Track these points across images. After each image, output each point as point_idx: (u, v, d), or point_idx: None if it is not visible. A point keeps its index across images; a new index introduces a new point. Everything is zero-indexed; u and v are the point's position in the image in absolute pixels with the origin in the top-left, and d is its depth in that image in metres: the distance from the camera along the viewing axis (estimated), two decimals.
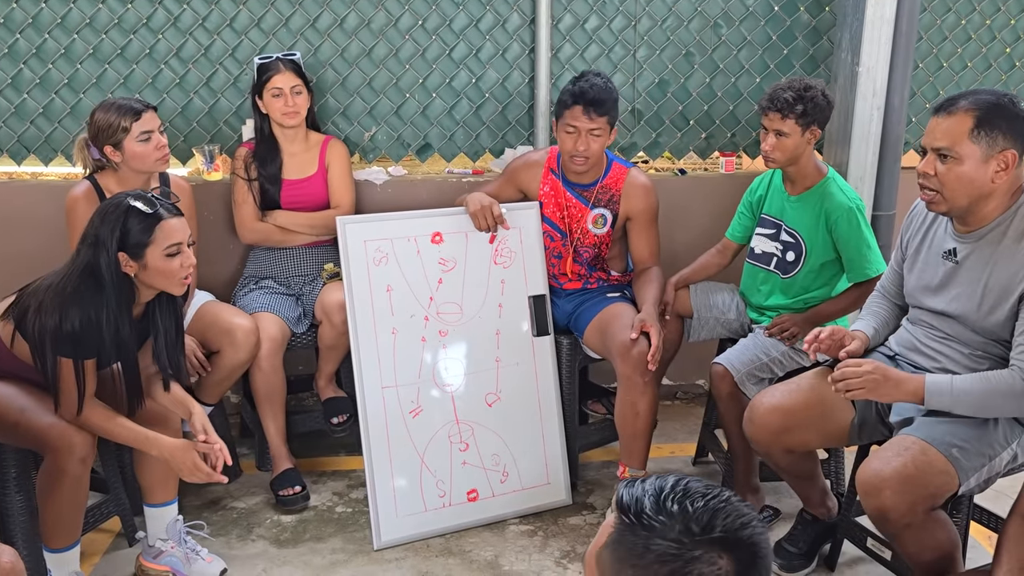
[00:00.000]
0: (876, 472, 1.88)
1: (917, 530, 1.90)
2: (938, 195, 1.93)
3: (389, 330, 2.57)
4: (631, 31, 3.16)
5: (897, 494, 1.85)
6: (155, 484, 2.31)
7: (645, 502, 1.00)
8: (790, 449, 2.26)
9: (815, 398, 2.18)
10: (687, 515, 0.97)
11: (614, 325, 2.57)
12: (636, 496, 1.01)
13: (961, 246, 2.00)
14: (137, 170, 2.56)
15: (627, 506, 1.01)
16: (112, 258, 2.02)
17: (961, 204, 1.93)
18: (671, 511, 0.98)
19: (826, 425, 2.19)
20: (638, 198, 2.70)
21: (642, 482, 1.04)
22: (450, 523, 2.59)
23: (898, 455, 1.89)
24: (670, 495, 1.00)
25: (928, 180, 1.94)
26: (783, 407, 2.19)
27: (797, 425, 2.19)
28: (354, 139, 3.15)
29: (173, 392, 2.24)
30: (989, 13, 3.29)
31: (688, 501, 0.99)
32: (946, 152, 1.89)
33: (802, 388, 2.22)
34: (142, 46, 2.97)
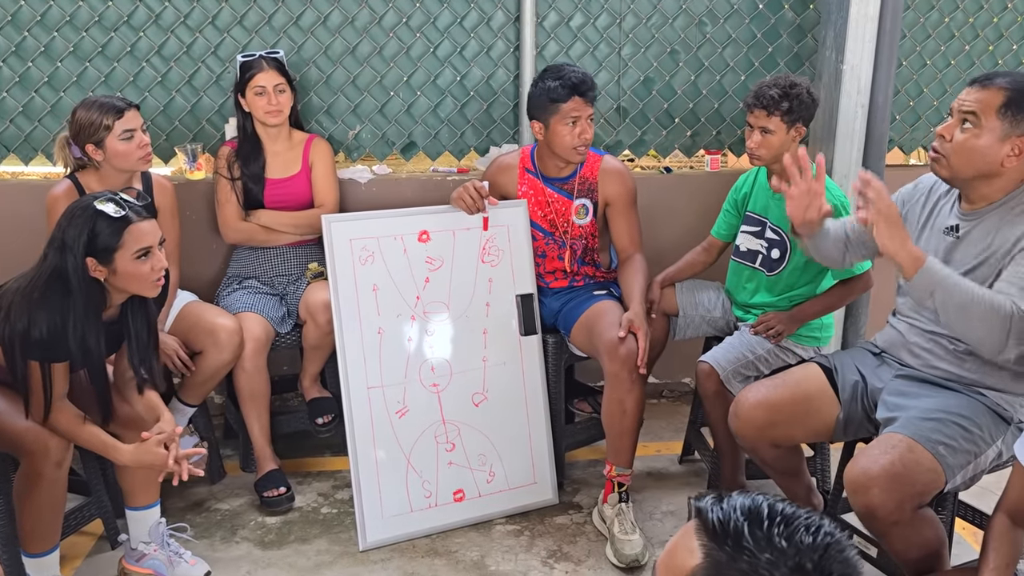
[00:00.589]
0: (864, 470, 1.88)
1: (904, 528, 1.90)
2: (944, 159, 1.95)
3: (375, 330, 2.56)
4: (616, 29, 3.16)
5: (885, 492, 1.85)
6: (136, 487, 2.28)
7: (744, 530, 0.90)
8: (776, 444, 2.26)
9: (800, 393, 2.19)
10: (799, 551, 0.88)
11: (601, 323, 2.56)
12: (730, 521, 0.91)
13: (964, 223, 2.01)
14: (119, 169, 2.53)
15: (721, 533, 0.91)
16: (79, 263, 1.98)
17: (964, 175, 1.94)
18: (779, 546, 0.88)
19: (811, 420, 2.20)
20: (614, 183, 2.71)
21: (728, 501, 0.94)
22: (436, 523, 2.58)
23: (885, 453, 1.89)
24: (772, 525, 0.90)
25: (942, 144, 1.95)
26: (768, 402, 2.20)
27: (782, 420, 2.19)
28: (338, 137, 3.13)
29: (146, 397, 2.20)
30: (972, 11, 3.31)
31: (796, 535, 0.89)
32: (970, 119, 1.91)
33: (787, 383, 2.23)
34: (123, 44, 2.94)
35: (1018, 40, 3.37)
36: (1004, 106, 1.88)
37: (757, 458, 2.35)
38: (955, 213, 2.04)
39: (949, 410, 1.97)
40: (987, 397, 2.01)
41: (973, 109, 1.91)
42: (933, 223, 2.10)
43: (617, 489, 2.55)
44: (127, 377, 2.20)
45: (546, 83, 2.59)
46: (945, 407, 1.99)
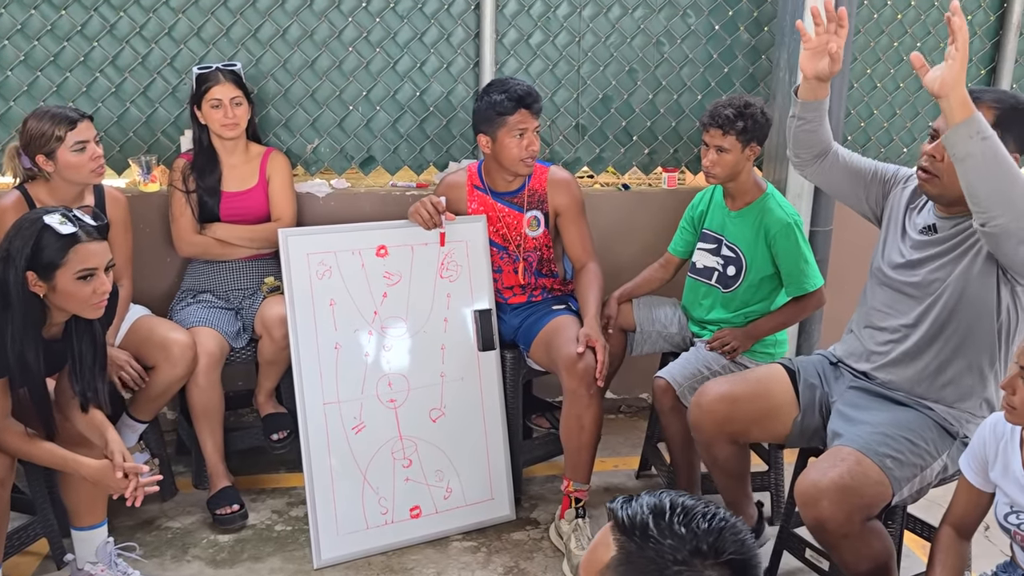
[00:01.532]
0: (814, 483, 1.91)
1: (854, 540, 1.93)
2: (937, 179, 1.97)
3: (332, 345, 2.53)
4: (575, 47, 3.19)
5: (834, 504, 1.88)
6: (82, 507, 2.23)
7: (649, 522, 1.01)
8: (732, 439, 2.28)
9: (762, 390, 2.24)
10: (696, 536, 0.99)
11: (559, 339, 2.57)
12: (637, 516, 1.02)
13: (941, 223, 2.04)
14: (70, 181, 2.48)
15: (629, 527, 1.01)
16: (20, 276, 1.93)
17: (955, 194, 1.93)
18: (679, 532, 0.99)
19: (770, 419, 2.23)
20: (562, 192, 2.73)
21: (636, 500, 1.04)
22: (392, 540, 2.56)
23: (834, 466, 1.92)
24: (673, 516, 1.01)
25: (933, 163, 1.97)
26: (731, 395, 2.24)
27: (742, 415, 2.23)
28: (296, 151, 3.11)
29: (91, 417, 2.15)
30: (920, 36, 3.40)
31: (693, 522, 1.00)
32: None
33: (749, 380, 2.29)
34: (76, 53, 2.90)
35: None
36: (995, 125, 1.88)
37: (709, 457, 2.35)
38: (931, 212, 2.08)
39: (898, 424, 2.02)
40: (935, 412, 2.06)
41: None
42: (911, 217, 2.12)
43: (574, 505, 2.56)
44: (69, 396, 2.15)
45: (492, 96, 2.61)
46: (894, 421, 2.03)
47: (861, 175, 2.25)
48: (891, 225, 2.17)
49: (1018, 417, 1.68)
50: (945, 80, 1.77)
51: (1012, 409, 1.68)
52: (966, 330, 2.02)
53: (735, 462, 2.36)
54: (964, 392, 2.06)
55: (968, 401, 2.07)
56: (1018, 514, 1.74)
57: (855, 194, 2.27)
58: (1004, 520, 1.76)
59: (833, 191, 2.36)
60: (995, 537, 2.56)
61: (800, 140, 2.24)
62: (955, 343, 2.04)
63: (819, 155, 2.25)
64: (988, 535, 2.58)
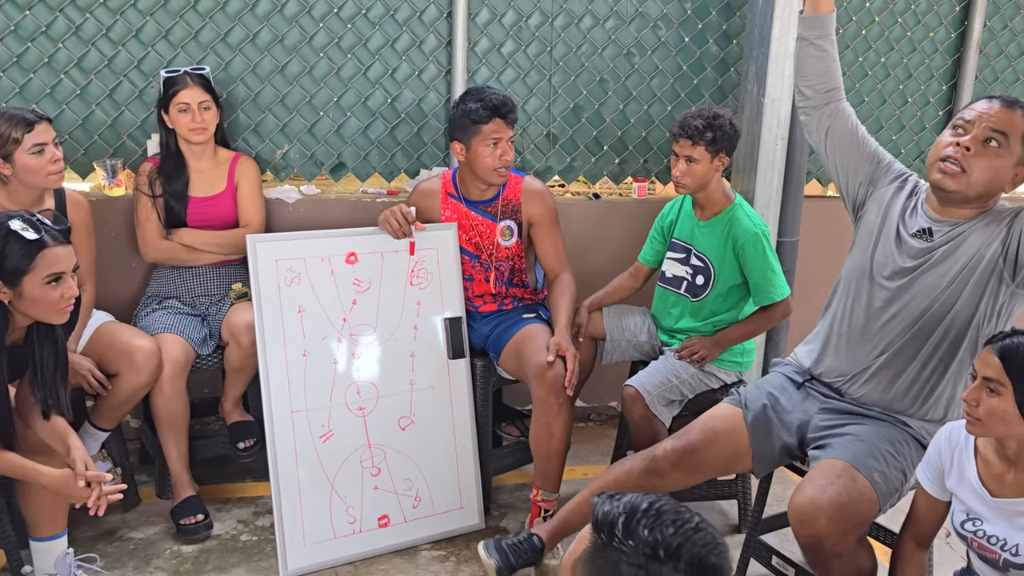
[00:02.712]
0: (812, 500, 1.87)
1: (847, 559, 1.90)
2: (963, 174, 1.90)
3: (300, 352, 2.51)
4: (547, 56, 3.21)
5: (832, 522, 1.84)
6: (41, 517, 2.18)
7: (618, 522, 1.04)
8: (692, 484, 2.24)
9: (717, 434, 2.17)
10: (656, 540, 1.02)
11: (529, 347, 2.57)
12: (610, 514, 1.06)
13: (937, 228, 2.00)
14: (28, 184, 2.44)
15: (601, 524, 1.06)
16: None
17: (974, 192, 1.92)
18: (641, 535, 1.03)
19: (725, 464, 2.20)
20: (536, 203, 2.73)
21: (619, 499, 1.09)
22: (360, 550, 2.53)
23: (831, 483, 1.88)
24: (642, 518, 1.04)
25: (965, 157, 1.90)
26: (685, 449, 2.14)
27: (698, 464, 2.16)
28: (265, 157, 3.08)
29: (53, 424, 2.10)
30: (884, 51, 3.47)
31: (659, 525, 1.03)
32: (997, 139, 1.88)
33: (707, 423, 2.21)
34: (40, 55, 2.85)
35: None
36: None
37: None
38: (924, 215, 2.03)
39: (880, 437, 2.01)
40: (912, 428, 2.06)
41: (1004, 130, 1.88)
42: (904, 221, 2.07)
43: (543, 513, 2.56)
44: (30, 403, 2.10)
45: (467, 104, 2.61)
46: (876, 434, 2.01)
47: (861, 147, 2.16)
48: (885, 230, 2.09)
49: (981, 429, 1.70)
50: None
51: (976, 421, 1.69)
52: (953, 339, 2.00)
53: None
54: (942, 406, 2.05)
55: (946, 416, 2.06)
56: (974, 521, 1.77)
57: (845, 164, 2.17)
58: (960, 527, 1.80)
59: (828, 151, 2.19)
60: (955, 544, 2.60)
61: (807, 67, 2.15)
62: (941, 353, 2.02)
63: (829, 91, 2.16)
64: (949, 542, 2.62)
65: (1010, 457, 1.72)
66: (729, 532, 2.77)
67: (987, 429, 1.69)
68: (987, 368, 1.66)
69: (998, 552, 1.72)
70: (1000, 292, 1.95)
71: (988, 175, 1.91)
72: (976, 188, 1.92)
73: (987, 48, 3.57)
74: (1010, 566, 1.71)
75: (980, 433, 1.72)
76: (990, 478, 1.74)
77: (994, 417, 1.65)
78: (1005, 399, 1.64)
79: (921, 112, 3.58)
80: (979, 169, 1.90)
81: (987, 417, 1.66)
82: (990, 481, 1.74)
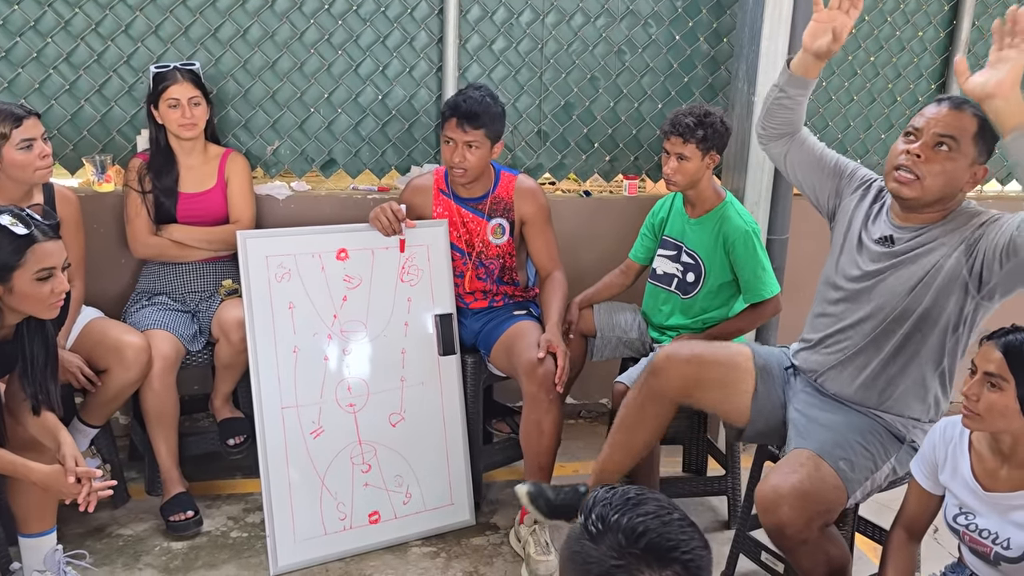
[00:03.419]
0: (774, 488, 1.93)
1: (812, 546, 1.95)
2: (917, 181, 1.93)
3: (290, 348, 2.51)
4: (538, 54, 3.21)
5: (794, 510, 1.90)
6: (30, 514, 2.17)
7: (595, 510, 1.05)
8: (684, 400, 2.23)
9: (730, 361, 2.22)
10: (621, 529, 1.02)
11: (520, 344, 2.57)
12: (595, 502, 1.06)
13: (899, 234, 2.03)
14: (17, 180, 2.42)
15: (585, 510, 1.06)
16: None
17: (931, 197, 1.95)
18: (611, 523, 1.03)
19: (731, 391, 2.21)
20: (528, 201, 2.73)
21: (612, 489, 1.09)
22: (351, 546, 2.53)
23: (794, 471, 1.94)
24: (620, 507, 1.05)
25: (916, 164, 1.92)
26: (702, 357, 2.20)
27: (708, 378, 2.19)
28: (256, 153, 3.07)
29: (43, 419, 2.09)
30: (873, 50, 3.49)
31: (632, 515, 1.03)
32: (948, 143, 1.90)
33: (718, 347, 2.27)
34: (29, 49, 2.83)
35: (915, 79, 3.57)
36: (978, 134, 1.91)
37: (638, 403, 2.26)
38: (888, 222, 2.06)
39: (850, 427, 2.06)
40: (883, 419, 2.10)
41: (953, 134, 1.91)
42: (867, 228, 2.11)
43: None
44: (20, 399, 2.09)
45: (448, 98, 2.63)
46: (846, 424, 2.07)
47: (821, 164, 2.21)
48: (848, 236, 2.15)
49: (979, 424, 1.71)
50: (1004, 81, 1.70)
51: (975, 416, 1.70)
52: (916, 341, 2.04)
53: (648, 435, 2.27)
54: (908, 401, 2.09)
55: (913, 410, 2.10)
56: (966, 515, 1.78)
57: (811, 182, 2.24)
58: (952, 521, 1.81)
59: (790, 173, 2.28)
60: (944, 539, 2.62)
61: (775, 114, 2.19)
62: (902, 353, 2.06)
63: (785, 135, 2.22)
64: (937, 537, 2.63)
65: (1004, 452, 1.73)
66: (719, 528, 2.78)
67: (985, 424, 1.70)
68: (988, 363, 1.67)
69: (989, 546, 1.74)
70: (966, 302, 1.98)
71: (942, 179, 1.93)
72: (932, 193, 1.95)
73: (975, 47, 3.60)
74: (1001, 559, 1.73)
75: (977, 427, 1.73)
76: (983, 473, 1.76)
77: (994, 412, 1.67)
78: (1007, 394, 1.65)
79: (910, 111, 3.60)
80: (932, 174, 1.93)
81: (987, 412, 1.67)
82: (983, 476, 1.76)
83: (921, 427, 2.11)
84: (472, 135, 2.57)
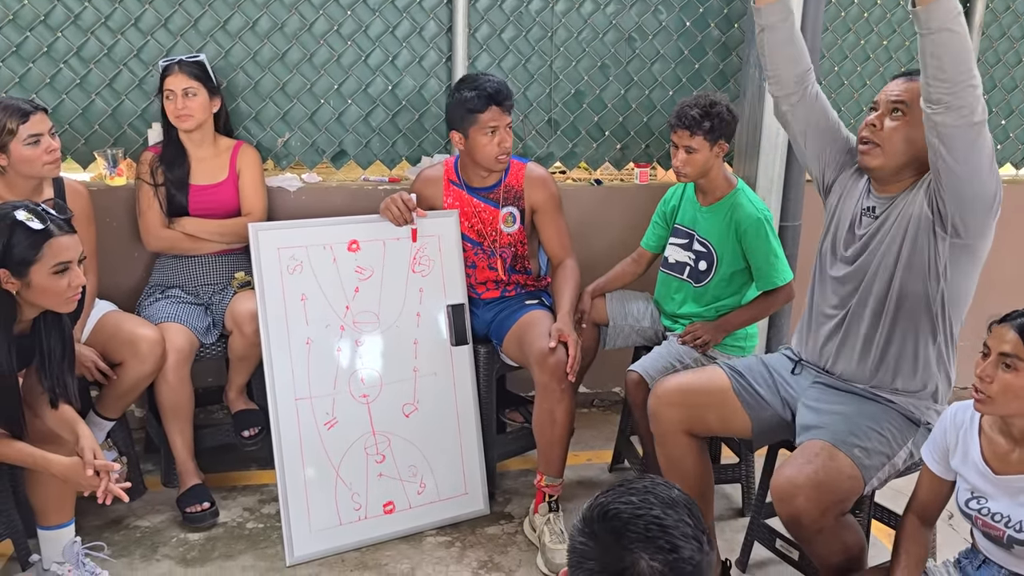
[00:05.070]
0: (790, 479, 1.93)
1: (828, 535, 1.95)
2: (878, 148, 2.02)
3: (303, 340, 2.51)
4: (547, 42, 3.19)
5: (810, 500, 1.90)
6: (49, 506, 2.19)
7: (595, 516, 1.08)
8: (690, 432, 2.25)
9: (715, 386, 2.25)
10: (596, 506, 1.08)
11: (531, 333, 2.57)
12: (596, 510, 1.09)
13: (880, 205, 2.08)
14: (25, 175, 2.43)
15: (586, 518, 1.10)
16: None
17: (895, 162, 2.01)
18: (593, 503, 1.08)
19: (727, 411, 2.23)
20: (539, 189, 2.73)
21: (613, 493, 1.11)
22: (366, 536, 2.55)
23: (809, 462, 1.94)
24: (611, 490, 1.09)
25: (874, 133, 2.02)
26: (687, 386, 2.26)
27: (700, 404, 2.24)
28: (267, 145, 3.08)
29: (61, 412, 2.11)
30: (886, 34, 3.46)
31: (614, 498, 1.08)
32: (901, 108, 1.98)
33: (700, 375, 2.31)
34: (39, 44, 2.84)
35: None
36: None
37: (665, 455, 2.30)
38: (872, 195, 2.12)
39: (863, 414, 2.05)
40: (896, 404, 2.10)
41: (903, 99, 1.99)
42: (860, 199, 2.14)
43: (547, 499, 2.57)
44: (37, 392, 2.11)
45: (463, 94, 2.59)
46: (859, 412, 2.06)
47: (835, 129, 2.21)
48: (840, 211, 2.18)
49: (992, 407, 1.70)
50: None
51: (988, 399, 1.68)
52: (908, 310, 2.05)
53: (692, 463, 2.27)
54: (918, 378, 2.09)
55: (923, 390, 2.10)
56: (978, 499, 1.78)
57: (823, 149, 2.20)
58: (965, 506, 1.81)
59: (810, 140, 2.20)
60: (958, 525, 2.61)
61: (779, 54, 2.12)
62: (900, 326, 2.06)
63: (804, 73, 2.14)
64: (952, 523, 2.63)
65: (1015, 436, 1.72)
66: (733, 516, 2.78)
67: (998, 407, 1.69)
68: (1003, 343, 1.66)
69: (1002, 529, 1.73)
70: (940, 249, 1.99)
71: (903, 144, 2.00)
72: (897, 158, 2.01)
73: (989, 30, 3.56)
74: (1014, 542, 1.72)
75: (990, 411, 1.72)
76: (994, 457, 1.75)
77: (1008, 394, 1.65)
78: (1022, 375, 1.64)
79: None
80: (891, 141, 2.01)
81: (1001, 394, 1.66)
82: (994, 460, 1.75)
83: (936, 408, 2.11)
84: (510, 116, 2.61)
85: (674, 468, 2.30)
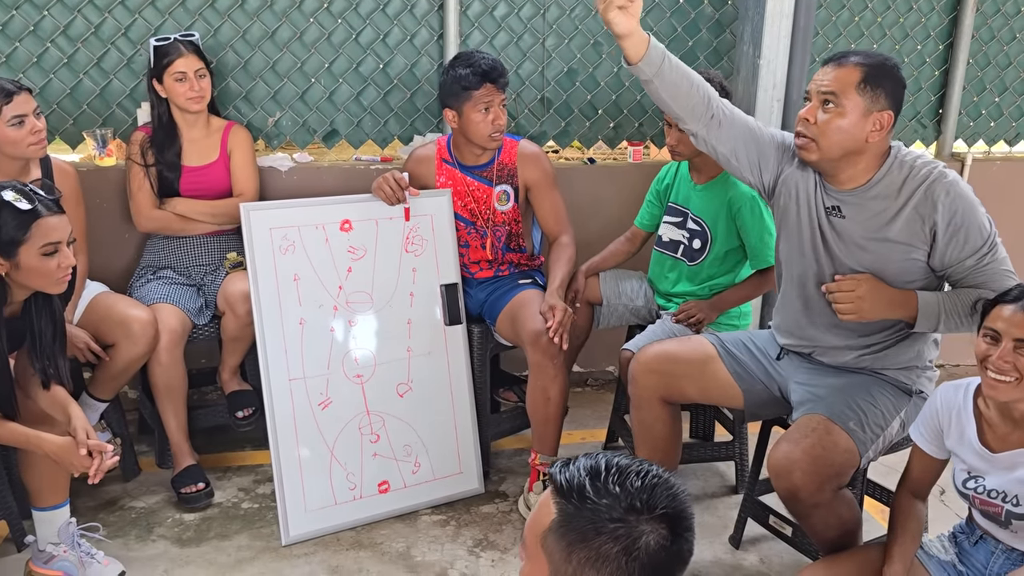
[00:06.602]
0: (786, 454, 1.94)
1: (824, 509, 1.96)
2: (813, 143, 1.95)
3: (296, 320, 2.51)
4: (540, 19, 3.17)
5: (807, 475, 1.91)
6: (43, 487, 2.18)
7: (585, 484, 1.05)
8: (666, 399, 2.27)
9: (699, 354, 2.26)
10: (630, 494, 1.04)
11: (525, 312, 2.57)
12: (574, 478, 1.06)
13: (843, 202, 2.02)
14: (10, 156, 2.41)
15: (567, 490, 1.06)
16: None
17: (833, 155, 1.95)
18: (613, 491, 1.04)
19: (707, 380, 2.24)
20: (532, 166, 2.72)
21: (573, 463, 1.09)
22: (361, 516, 2.55)
23: (806, 436, 1.95)
24: (608, 475, 1.05)
25: (807, 127, 1.95)
26: (668, 354, 2.27)
27: (679, 373, 2.25)
28: (257, 124, 3.05)
29: (53, 393, 2.10)
30: (880, 11, 3.44)
31: (627, 480, 1.05)
32: (831, 100, 1.92)
33: (684, 343, 2.32)
34: (25, 22, 2.80)
35: (922, 40, 3.52)
36: (862, 82, 1.90)
37: (639, 418, 2.31)
38: (830, 194, 2.04)
39: (855, 387, 2.06)
40: (887, 375, 2.11)
41: (832, 89, 1.92)
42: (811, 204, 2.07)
43: (542, 477, 2.57)
44: (29, 374, 2.10)
45: (456, 71, 2.57)
46: (851, 384, 2.07)
47: (760, 133, 2.13)
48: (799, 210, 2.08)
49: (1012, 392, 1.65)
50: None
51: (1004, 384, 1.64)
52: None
53: (662, 429, 2.29)
54: (900, 353, 2.09)
55: (910, 360, 2.10)
56: (975, 479, 1.78)
57: (757, 156, 2.13)
58: (963, 486, 1.81)
59: (739, 155, 2.13)
60: (950, 500, 2.63)
61: (670, 100, 2.06)
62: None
63: (705, 104, 2.08)
64: (944, 499, 2.65)
65: (1016, 419, 1.72)
66: (727, 493, 2.80)
67: (1022, 391, 1.64)
68: (1018, 328, 1.62)
69: (1000, 505, 1.74)
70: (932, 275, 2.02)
71: (838, 136, 1.93)
72: (835, 150, 1.95)
73: (984, 6, 3.54)
74: (1012, 517, 1.73)
75: (1010, 397, 1.66)
76: (993, 439, 1.75)
77: None
78: None
79: (917, 72, 3.56)
80: (826, 134, 1.94)
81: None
82: (993, 441, 1.75)
83: (926, 374, 2.12)
84: (504, 93, 2.60)
85: (646, 432, 2.33)
